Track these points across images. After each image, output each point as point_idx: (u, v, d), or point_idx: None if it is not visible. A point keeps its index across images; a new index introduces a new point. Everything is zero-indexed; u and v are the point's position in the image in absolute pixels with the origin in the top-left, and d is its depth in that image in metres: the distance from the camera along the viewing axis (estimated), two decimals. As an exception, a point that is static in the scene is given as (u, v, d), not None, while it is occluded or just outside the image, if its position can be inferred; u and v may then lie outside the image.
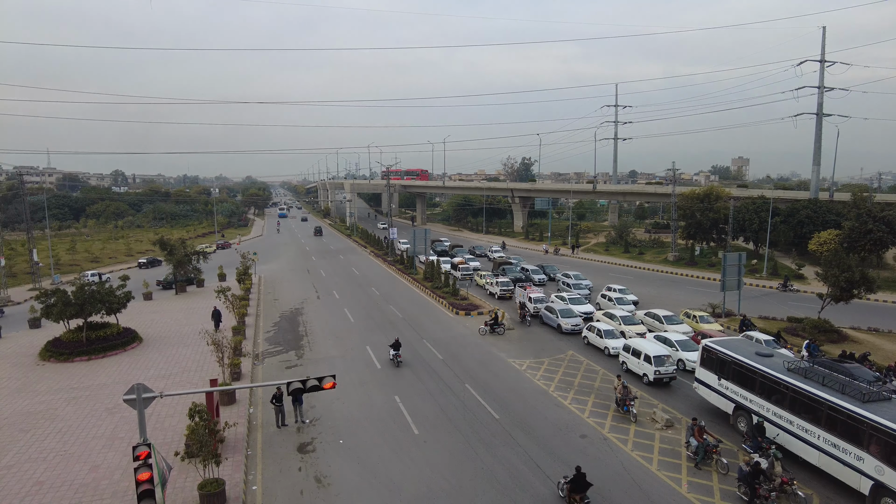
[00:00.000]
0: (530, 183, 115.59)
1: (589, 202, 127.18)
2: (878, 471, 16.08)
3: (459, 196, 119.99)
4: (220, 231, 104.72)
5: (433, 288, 46.87)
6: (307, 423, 21.96)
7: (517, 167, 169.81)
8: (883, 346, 32.09)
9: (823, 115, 67.64)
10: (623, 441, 20.45)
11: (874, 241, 53.83)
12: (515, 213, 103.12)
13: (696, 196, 66.92)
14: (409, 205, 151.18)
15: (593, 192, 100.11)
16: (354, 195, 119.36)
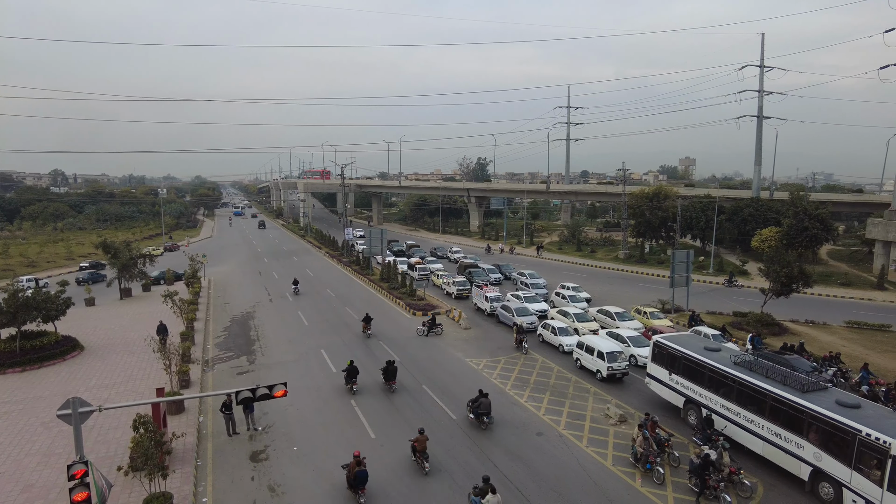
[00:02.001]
0: (486, 183, 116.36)
1: (543, 202, 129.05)
2: (817, 457, 16.83)
3: (416, 196, 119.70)
4: (168, 233, 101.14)
5: (390, 288, 46.54)
6: (260, 431, 21.37)
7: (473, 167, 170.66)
8: (819, 337, 33.71)
9: (763, 118, 70.69)
10: (578, 438, 20.74)
11: (810, 237, 56.68)
12: (472, 213, 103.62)
13: (645, 195, 68.75)
14: (365, 205, 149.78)
15: (547, 192, 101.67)
16: (308, 195, 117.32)
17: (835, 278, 53.72)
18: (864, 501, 15.37)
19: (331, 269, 60.25)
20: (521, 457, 19.25)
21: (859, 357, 29.04)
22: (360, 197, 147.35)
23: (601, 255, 69.88)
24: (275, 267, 61.14)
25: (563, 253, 72.81)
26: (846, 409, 16.60)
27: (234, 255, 73.49)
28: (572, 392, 25.25)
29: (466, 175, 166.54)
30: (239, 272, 59.19)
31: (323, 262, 66.44)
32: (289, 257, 69.34)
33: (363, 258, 58.69)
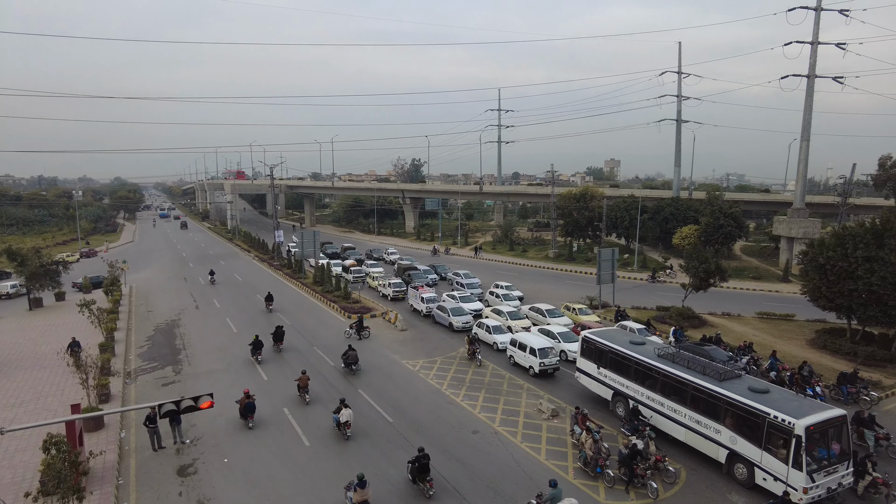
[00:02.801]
0: (420, 184, 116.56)
1: (476, 202, 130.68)
2: (732, 441, 18.02)
3: (350, 197, 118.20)
4: (85, 238, 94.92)
5: (324, 292, 45.76)
6: (188, 444, 20.51)
7: (407, 168, 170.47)
8: (734, 328, 36.03)
9: (682, 122, 74.73)
10: (513, 434, 21.20)
11: (725, 234, 60.53)
12: (407, 214, 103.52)
13: (573, 196, 71.02)
14: (296, 206, 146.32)
15: (480, 192, 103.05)
16: (236, 196, 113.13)
17: (747, 272, 57.53)
18: (772, 478, 16.61)
19: (261, 274, 58.53)
20: (457, 456, 19.46)
21: (768, 345, 31.26)
22: (292, 198, 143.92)
23: (533, 254, 71.60)
24: (201, 272, 58.66)
25: (497, 252, 74.07)
26: (757, 395, 17.87)
27: (158, 261, 69.98)
28: (506, 389, 25.77)
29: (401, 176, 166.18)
30: (163, 278, 56.42)
31: (252, 265, 64.42)
32: (216, 261, 66.73)
33: (295, 261, 57.38)
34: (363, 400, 24.45)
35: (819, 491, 15.98)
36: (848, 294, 29.11)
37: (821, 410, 16.93)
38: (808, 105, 58.30)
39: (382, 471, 18.53)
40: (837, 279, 29.54)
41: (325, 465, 18.96)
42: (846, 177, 60.48)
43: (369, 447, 20.18)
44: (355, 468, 17.93)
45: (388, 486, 17.57)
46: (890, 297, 27.31)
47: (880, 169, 61.18)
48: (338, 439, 20.76)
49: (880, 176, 61.25)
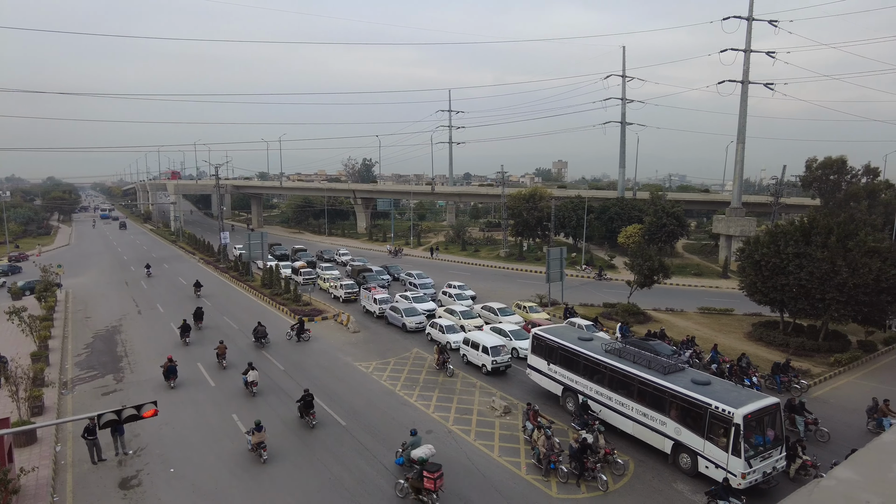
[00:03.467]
0: (372, 184, 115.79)
1: (428, 203, 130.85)
2: (677, 431, 18.75)
3: (299, 197, 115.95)
4: (14, 241, 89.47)
5: (272, 295, 44.79)
6: (131, 455, 19.69)
7: (358, 168, 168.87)
8: (677, 323, 37.47)
9: (626, 124, 77.10)
10: (466, 432, 21.37)
11: (668, 233, 62.86)
12: (358, 215, 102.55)
13: (522, 197, 72.13)
14: (243, 207, 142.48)
15: (432, 193, 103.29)
16: (179, 197, 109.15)
17: (689, 269, 59.92)
18: (713, 466, 17.39)
19: (207, 277, 56.71)
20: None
21: (710, 339, 32.67)
22: (238, 198, 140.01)
23: (484, 254, 72.30)
24: (143, 276, 56.37)
25: (449, 252, 74.38)
26: (699, 387, 18.65)
27: (97, 265, 66.72)
28: (460, 388, 25.94)
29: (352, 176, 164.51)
30: (102, 283, 53.84)
31: (198, 268, 62.35)
32: (159, 265, 64.22)
33: (242, 264, 55.92)
34: (315, 404, 24.08)
35: (756, 475, 16.84)
36: (780, 289, 30.77)
37: (757, 399, 17.84)
38: (742, 109, 61.25)
39: (338, 476, 18.34)
40: (771, 275, 31.17)
41: (277, 478, 18.59)
42: (778, 178, 63.88)
43: (322, 451, 19.91)
44: (314, 486, 17.69)
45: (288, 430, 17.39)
46: (816, 290, 29.04)
47: (807, 170, 64.77)
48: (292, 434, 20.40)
49: (807, 177, 64.81)
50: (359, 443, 20.52)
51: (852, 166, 60.93)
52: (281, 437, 21.06)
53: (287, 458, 19.49)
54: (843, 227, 30.61)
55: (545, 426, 19.95)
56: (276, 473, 18.45)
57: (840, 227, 30.69)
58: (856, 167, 60.79)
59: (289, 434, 21.30)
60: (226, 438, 20.97)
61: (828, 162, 61.30)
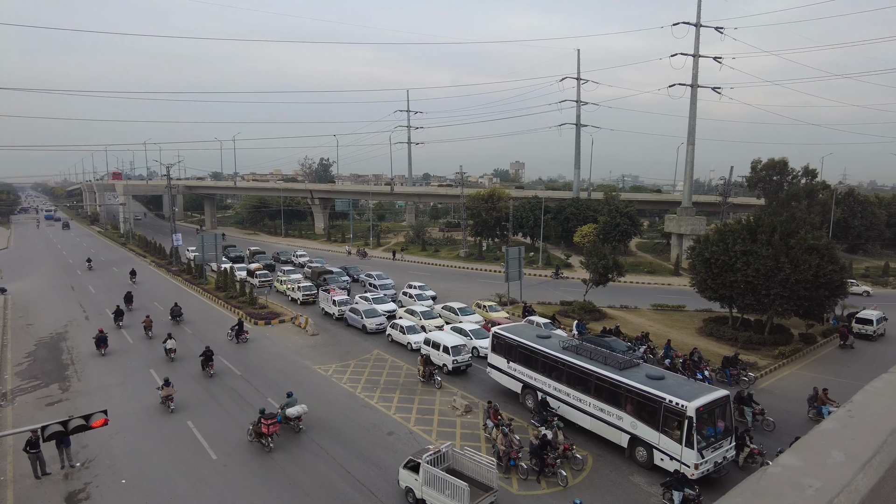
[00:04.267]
0: (330, 184, 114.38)
1: (388, 203, 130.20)
2: (633, 426, 19.27)
3: (254, 198, 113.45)
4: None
5: (227, 298, 43.72)
6: (78, 467, 18.88)
7: (315, 168, 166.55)
8: (631, 319, 38.47)
9: (581, 126, 78.63)
10: (427, 432, 21.41)
11: (622, 232, 64.49)
12: (316, 215, 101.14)
13: (481, 197, 72.71)
14: (196, 207, 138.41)
15: (391, 193, 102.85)
16: (129, 198, 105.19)
17: (642, 267, 61.61)
18: (668, 458, 17.95)
19: (158, 280, 54.94)
20: (372, 459, 19.36)
21: (663, 335, 33.67)
22: (191, 199, 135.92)
23: (444, 254, 72.50)
24: (91, 280, 54.11)
25: (410, 253, 74.25)
26: (653, 381, 19.23)
27: (40, 269, 63.57)
28: (421, 388, 25.96)
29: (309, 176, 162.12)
30: (46, 288, 51.34)
31: (149, 271, 60.28)
32: (107, 268, 61.77)
33: (195, 266, 54.37)
34: (273, 409, 23.67)
35: (708, 466, 17.48)
36: (729, 285, 32.00)
37: (708, 392, 18.53)
38: (692, 112, 63.38)
39: (298, 480, 18.08)
40: (720, 272, 32.39)
41: (234, 484, 18.20)
42: (725, 178, 66.34)
43: (282, 455, 19.59)
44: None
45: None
46: (762, 286, 30.34)
47: (752, 171, 67.66)
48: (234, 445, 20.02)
49: (752, 178, 67.73)
50: (318, 446, 20.28)
51: (793, 168, 64.00)
52: (248, 451, 20.62)
53: (244, 464, 19.10)
54: (786, 226, 32.11)
55: (504, 424, 20.20)
56: (231, 478, 18.05)
57: (783, 225, 32.17)
58: (796, 168, 63.87)
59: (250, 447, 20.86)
60: (183, 448, 20.38)
61: (771, 163, 64.17)
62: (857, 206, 67.06)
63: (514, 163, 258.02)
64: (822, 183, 68.09)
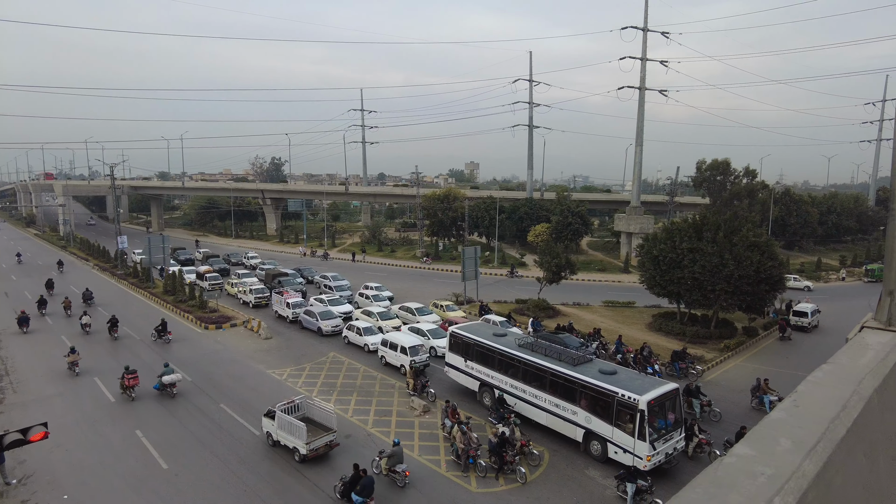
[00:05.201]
0: (282, 184, 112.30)
1: (343, 203, 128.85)
2: (588, 420, 19.71)
3: (203, 198, 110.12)
4: None
5: (176, 302, 42.29)
6: (15, 484, 17.85)
7: (267, 167, 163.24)
8: (584, 316, 39.34)
9: (534, 127, 79.88)
10: (386, 434, 21.30)
11: (574, 231, 65.88)
12: (268, 216, 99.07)
13: (437, 197, 72.93)
14: (142, 209, 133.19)
15: (346, 193, 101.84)
16: (69, 199, 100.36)
17: (593, 265, 63.09)
18: (622, 451, 18.45)
19: (103, 284, 52.60)
20: (329, 464, 19.12)
21: (614, 330, 34.57)
22: (136, 200, 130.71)
23: (401, 254, 72.29)
24: (27, 285, 51.29)
25: (366, 253, 73.67)
26: (606, 376, 19.73)
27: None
28: (378, 390, 25.82)
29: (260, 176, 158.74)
30: (-27, 294, 48.37)
31: (92, 276, 57.65)
32: (46, 273, 58.74)
33: (142, 269, 52.35)
34: (226, 415, 23.10)
35: (659, 457, 18.07)
36: (676, 281, 33.15)
37: (659, 386, 19.15)
38: (640, 114, 65.32)
39: (253, 488, 17.68)
40: (668, 269, 33.51)
41: (187, 494, 17.63)
42: (672, 178, 68.76)
43: (237, 464, 19.11)
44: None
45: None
46: (708, 282, 31.57)
47: (697, 172, 70.28)
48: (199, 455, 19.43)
49: (698, 178, 70.36)
50: (274, 452, 19.87)
51: (735, 168, 66.83)
52: (202, 460, 20.00)
53: (198, 473, 18.51)
54: (729, 224, 33.52)
55: (463, 422, 20.31)
56: (184, 488, 17.47)
57: (727, 223, 33.58)
58: (738, 169, 66.71)
59: (207, 452, 20.24)
60: (132, 458, 19.59)
61: (715, 164, 66.81)
62: (792, 205, 70.67)
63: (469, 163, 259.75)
64: (761, 183, 71.44)
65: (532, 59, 78.41)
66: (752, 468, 2.04)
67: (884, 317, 4.16)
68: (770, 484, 1.93)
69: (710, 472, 2.03)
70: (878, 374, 3.18)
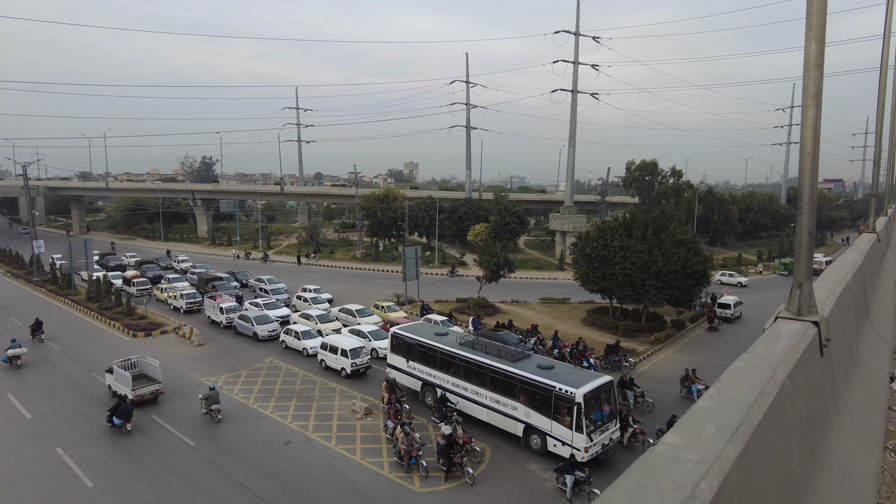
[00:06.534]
0: (214, 184, 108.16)
1: (278, 204, 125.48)
2: (527, 415, 20.14)
3: (129, 199, 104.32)
4: None
5: (101, 309, 39.92)
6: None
7: (198, 167, 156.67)
8: (522, 313, 40.15)
9: (471, 128, 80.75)
10: (327, 438, 20.98)
11: (511, 230, 67.14)
12: (199, 217, 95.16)
13: (376, 197, 72.41)
14: (61, 211, 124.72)
15: (281, 193, 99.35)
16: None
17: (530, 263, 64.49)
18: (560, 443, 18.97)
19: (16, 292, 48.96)
20: (269, 470, 18.64)
21: (551, 326, 35.46)
22: (54, 202, 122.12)
23: (340, 255, 71.28)
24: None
25: (304, 255, 72.09)
26: (544, 371, 20.23)
27: None
28: (318, 394, 25.38)
29: (190, 175, 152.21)
30: None
31: (3, 282, 53.59)
32: (-53, 281, 54.02)
33: (62, 275, 49.09)
34: (158, 426, 22.07)
35: (596, 448, 18.70)
36: (608, 278, 34.40)
37: (594, 379, 19.81)
38: (573, 116, 67.30)
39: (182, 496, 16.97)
40: (600, 266, 34.73)
41: None
42: (603, 179, 71.23)
43: (167, 473, 18.28)
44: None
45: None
46: (638, 278, 32.95)
47: (627, 172, 73.08)
48: (128, 474, 18.44)
49: (627, 178, 73.13)
50: (211, 462, 19.16)
51: (662, 168, 69.91)
52: (132, 476, 18.96)
53: (126, 490, 17.59)
54: (657, 222, 35.13)
55: (405, 422, 20.28)
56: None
57: (655, 221, 35.16)
58: (665, 169, 69.83)
59: (136, 472, 19.22)
60: (51, 479, 18.35)
61: (643, 165, 69.67)
62: (715, 204, 74.87)
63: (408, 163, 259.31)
64: (686, 182, 75.09)
65: (469, 60, 79.31)
66: (680, 455, 2.17)
67: (794, 307, 4.50)
68: (696, 469, 2.06)
69: (643, 462, 2.15)
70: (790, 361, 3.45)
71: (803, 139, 4.44)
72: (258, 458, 19.40)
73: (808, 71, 4.27)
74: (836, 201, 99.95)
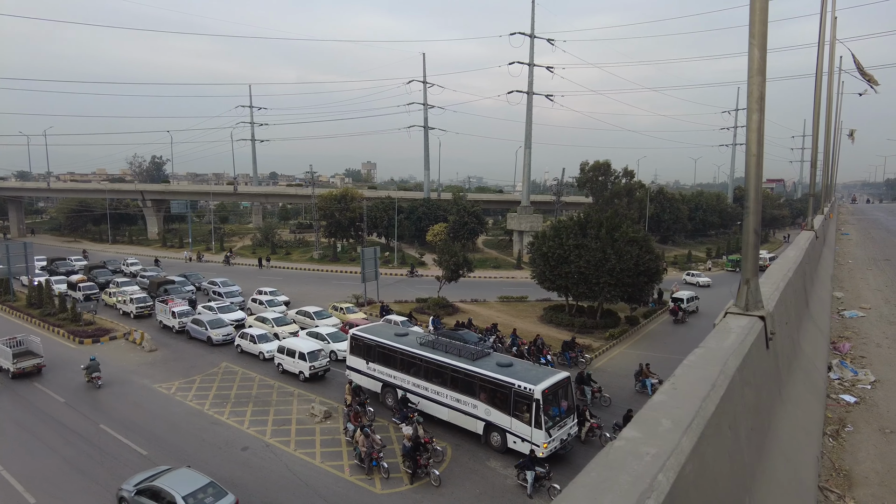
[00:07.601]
0: (164, 184, 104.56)
1: (232, 204, 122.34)
2: (487, 413, 20.31)
3: (74, 200, 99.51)
4: None
5: (43, 316, 38.06)
6: None
7: (147, 167, 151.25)
8: (481, 312, 40.45)
9: (429, 128, 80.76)
10: (286, 443, 20.64)
11: (470, 230, 67.61)
12: (149, 219, 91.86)
13: (333, 197, 71.49)
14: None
15: (235, 193, 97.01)
16: None
17: (489, 263, 65.01)
18: (520, 440, 19.21)
19: (-54, 300, 46.13)
20: (226, 477, 18.14)
21: (510, 324, 35.83)
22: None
23: (296, 257, 70.14)
24: None
25: (258, 256, 70.57)
26: (503, 369, 20.46)
27: None
28: (276, 398, 24.92)
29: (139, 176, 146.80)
30: None
31: (-68, 290, 50.33)
32: None
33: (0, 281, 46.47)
34: (108, 436, 21.23)
35: (555, 443, 19.03)
36: (564, 276, 35.04)
37: (552, 375, 20.15)
38: (528, 117, 68.17)
39: None
40: (556, 264, 35.34)
41: None
42: (558, 179, 72.46)
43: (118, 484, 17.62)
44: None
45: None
46: (592, 276, 33.69)
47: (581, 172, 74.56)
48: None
49: (581, 178, 74.60)
50: (164, 472, 18.54)
51: (615, 169, 71.63)
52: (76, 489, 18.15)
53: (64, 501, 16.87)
54: (611, 221, 36.00)
55: (365, 425, 20.15)
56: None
57: (608, 220, 36.02)
58: (618, 170, 71.57)
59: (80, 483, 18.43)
60: None
61: (597, 165, 71.19)
62: (666, 203, 77.22)
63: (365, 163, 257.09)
64: (638, 182, 77.20)
65: (426, 60, 79.23)
66: (638, 449, 2.25)
67: (742, 303, 4.71)
68: (654, 462, 2.14)
69: (603, 456, 2.22)
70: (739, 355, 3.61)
71: (748, 142, 4.65)
72: (215, 465, 18.88)
73: (751, 77, 4.47)
74: (778, 200, 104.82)
